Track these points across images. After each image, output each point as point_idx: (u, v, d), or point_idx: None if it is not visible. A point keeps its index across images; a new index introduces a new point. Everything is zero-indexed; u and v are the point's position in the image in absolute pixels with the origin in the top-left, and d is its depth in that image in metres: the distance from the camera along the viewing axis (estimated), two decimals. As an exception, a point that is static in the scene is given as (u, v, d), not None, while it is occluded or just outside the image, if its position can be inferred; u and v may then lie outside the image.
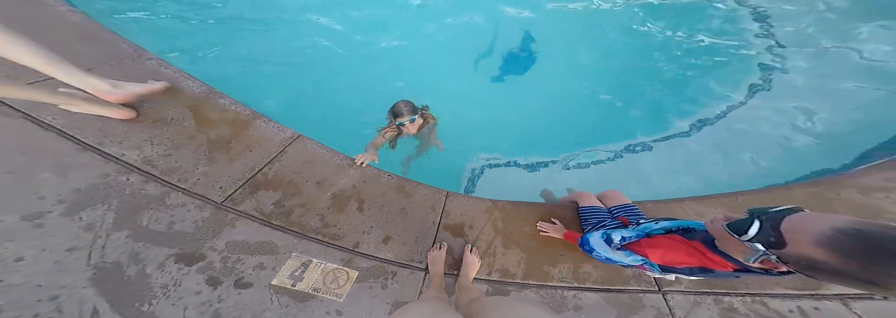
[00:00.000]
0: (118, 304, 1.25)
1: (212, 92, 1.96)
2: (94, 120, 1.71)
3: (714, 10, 4.49)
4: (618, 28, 4.34)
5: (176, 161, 1.68)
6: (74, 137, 1.63)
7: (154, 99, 1.86)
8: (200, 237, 1.50)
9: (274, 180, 1.76)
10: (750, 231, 0.76)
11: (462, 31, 4.11)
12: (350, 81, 3.32)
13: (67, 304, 1.20)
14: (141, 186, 1.57)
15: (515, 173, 3.01)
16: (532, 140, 3.32)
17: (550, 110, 3.57)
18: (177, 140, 1.75)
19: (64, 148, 1.59)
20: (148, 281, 1.33)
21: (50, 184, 1.47)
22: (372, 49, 3.66)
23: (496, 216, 1.95)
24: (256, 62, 3.18)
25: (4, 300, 1.16)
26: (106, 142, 1.65)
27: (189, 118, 1.83)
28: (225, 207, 1.61)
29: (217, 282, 1.41)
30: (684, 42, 4.37)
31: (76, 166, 1.56)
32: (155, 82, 1.85)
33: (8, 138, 1.56)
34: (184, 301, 1.32)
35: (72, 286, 1.25)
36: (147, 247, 1.41)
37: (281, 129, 1.94)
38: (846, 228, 0.63)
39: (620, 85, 3.91)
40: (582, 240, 1.50)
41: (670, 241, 1.10)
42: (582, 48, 4.17)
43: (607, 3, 4.33)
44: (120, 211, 1.48)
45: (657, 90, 3.91)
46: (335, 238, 1.68)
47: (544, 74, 3.91)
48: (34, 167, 1.50)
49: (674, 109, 3.75)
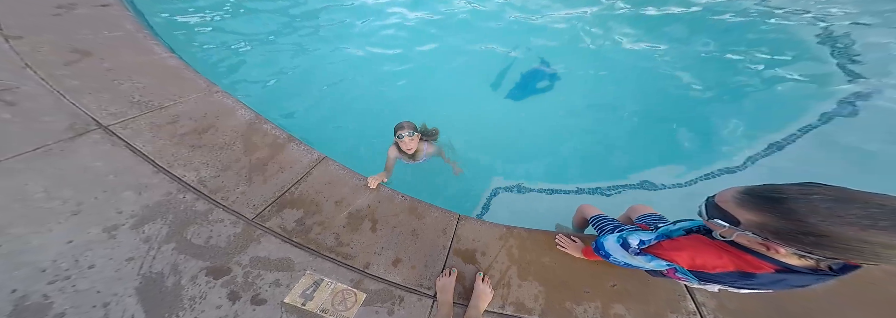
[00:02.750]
0: (152, 313, 1.20)
1: (258, 118, 1.90)
2: (170, 146, 1.75)
3: (770, 30, 3.34)
4: (668, 46, 3.48)
5: (222, 181, 1.64)
6: (154, 160, 1.67)
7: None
8: (230, 252, 1.41)
9: (299, 198, 1.62)
10: (701, 210, 0.79)
11: (483, 55, 3.59)
12: (365, 106, 3.04)
13: (114, 311, 1.18)
14: (193, 203, 1.55)
15: (532, 199, 2.43)
16: (555, 166, 2.69)
17: (578, 136, 2.90)
18: (226, 163, 1.70)
19: (144, 170, 1.64)
20: (180, 293, 1.26)
21: (128, 201, 1.51)
22: (389, 73, 3.35)
23: (512, 244, 1.55)
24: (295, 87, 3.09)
25: (69, 304, 1.17)
26: (175, 165, 1.67)
27: (239, 143, 1.78)
28: (255, 223, 1.51)
29: (237, 297, 1.29)
30: (739, 63, 3.33)
31: (150, 185, 1.59)
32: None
33: (110, 163, 1.65)
34: (205, 315, 1.23)
35: (121, 294, 1.23)
36: (186, 259, 1.36)
37: (309, 151, 1.80)
38: (746, 189, 0.71)
39: (663, 111, 3.08)
40: (596, 244, 1.13)
41: (694, 241, 0.87)
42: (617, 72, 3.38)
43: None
44: (173, 225, 1.46)
45: (703, 118, 2.99)
46: (347, 258, 1.47)
47: (574, 96, 3.22)
48: (120, 186, 1.55)
49: (724, 138, 2.80)
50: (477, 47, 3.68)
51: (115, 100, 1.95)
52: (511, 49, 3.70)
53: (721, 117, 2.95)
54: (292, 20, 3.75)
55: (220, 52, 3.24)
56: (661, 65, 3.48)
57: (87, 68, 2.15)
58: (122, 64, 2.22)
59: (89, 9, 2.68)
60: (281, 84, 3.13)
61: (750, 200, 0.67)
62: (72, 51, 2.29)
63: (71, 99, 1.91)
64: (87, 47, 2.33)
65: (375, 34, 3.72)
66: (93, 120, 1.83)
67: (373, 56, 3.50)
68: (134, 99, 1.96)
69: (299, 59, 3.38)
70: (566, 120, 3.05)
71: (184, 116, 1.87)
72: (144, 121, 1.83)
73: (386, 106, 3.04)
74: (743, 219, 0.69)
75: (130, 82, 2.07)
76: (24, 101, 1.86)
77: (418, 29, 3.83)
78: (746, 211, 0.68)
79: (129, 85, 2.05)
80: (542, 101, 3.24)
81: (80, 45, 2.34)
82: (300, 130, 2.09)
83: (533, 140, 2.86)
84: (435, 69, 3.45)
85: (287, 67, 3.28)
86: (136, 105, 1.93)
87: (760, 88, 3.17)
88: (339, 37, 3.63)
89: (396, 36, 3.74)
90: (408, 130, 1.76)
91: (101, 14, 2.64)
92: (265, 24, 3.63)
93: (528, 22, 4.00)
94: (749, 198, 0.68)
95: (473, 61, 3.55)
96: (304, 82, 3.17)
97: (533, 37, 3.83)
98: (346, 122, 2.91)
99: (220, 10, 3.62)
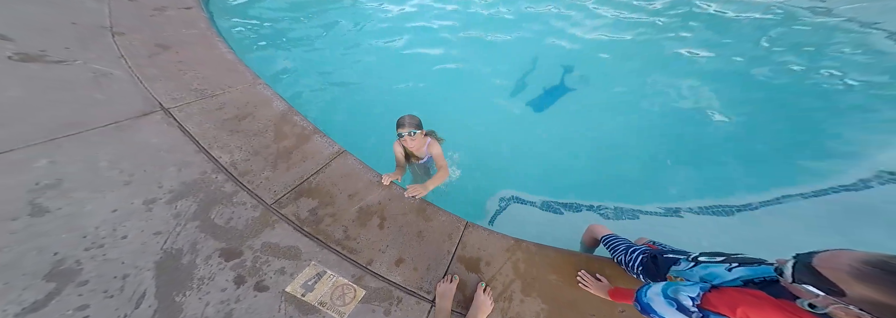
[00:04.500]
0: (162, 291, 1.11)
1: (290, 110, 1.80)
2: (213, 130, 1.70)
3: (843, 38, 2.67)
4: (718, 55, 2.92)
5: (251, 165, 1.54)
6: (197, 141, 1.63)
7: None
8: (246, 235, 1.30)
9: (315, 188, 1.49)
10: (785, 270, 0.58)
11: (508, 57, 3.21)
12: (384, 109, 2.74)
13: (130, 284, 1.10)
14: (222, 183, 1.47)
15: (545, 214, 2.04)
16: (581, 182, 2.25)
17: (607, 152, 2.45)
18: (257, 148, 1.61)
19: (188, 149, 1.59)
20: (192, 272, 1.17)
21: (170, 176, 1.46)
22: (407, 78, 3.07)
23: (518, 257, 1.30)
24: (320, 80, 2.96)
25: (95, 272, 1.11)
26: (214, 146, 1.61)
27: (271, 130, 1.69)
28: (273, 209, 1.40)
29: (242, 281, 1.18)
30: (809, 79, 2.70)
31: (190, 163, 1.53)
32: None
33: (163, 140, 1.63)
34: (209, 297, 1.12)
35: (141, 268, 1.15)
36: (206, 238, 1.27)
37: (331, 144, 1.66)
38: (872, 260, 0.51)
39: (705, 136, 2.51)
40: (638, 295, 0.84)
41: (755, 297, 0.63)
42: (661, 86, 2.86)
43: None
44: (201, 204, 1.38)
45: (756, 142, 2.41)
46: (352, 252, 1.30)
47: (602, 109, 2.75)
48: (167, 162, 1.51)
49: (780, 167, 2.22)
50: (503, 50, 3.34)
51: (178, 87, 1.96)
52: (535, 54, 3.30)
53: (783, 144, 2.36)
54: (330, 20, 3.66)
55: (269, 49, 3.22)
56: (709, 80, 2.91)
57: (164, 60, 2.20)
58: (190, 57, 2.25)
59: (176, 11, 2.78)
60: (311, 79, 3.01)
61: (878, 274, 0.49)
62: (156, 45, 2.36)
63: (146, 84, 1.94)
64: (168, 42, 2.40)
65: (397, 35, 3.50)
66: (158, 103, 1.83)
67: (404, 57, 3.31)
68: (193, 87, 1.95)
69: (328, 57, 3.25)
70: (591, 133, 2.63)
71: (229, 103, 1.83)
72: (197, 106, 1.81)
73: (402, 104, 2.79)
74: (853, 292, 0.51)
75: (193, 72, 2.08)
76: (113, 84, 1.92)
77: (441, 31, 3.56)
78: (864, 285, 0.50)
79: (191, 75, 2.06)
80: (568, 111, 2.82)
81: (162, 41, 2.41)
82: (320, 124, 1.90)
83: (555, 152, 2.48)
84: (460, 73, 3.17)
85: (318, 63, 3.16)
86: (193, 92, 1.92)
87: (837, 114, 2.51)
88: (367, 34, 3.47)
89: (425, 37, 3.51)
90: (408, 128, 1.38)
91: (183, 15, 2.72)
92: (308, 27, 3.59)
93: (562, 29, 3.59)
94: (877, 272, 0.49)
95: (497, 65, 3.20)
96: (333, 75, 3.04)
97: (562, 42, 3.40)
98: (364, 116, 2.71)
99: (276, 16, 3.65)
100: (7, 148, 1.41)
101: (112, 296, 1.04)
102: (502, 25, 3.65)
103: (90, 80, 1.90)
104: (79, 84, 1.84)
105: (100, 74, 1.97)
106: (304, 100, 2.70)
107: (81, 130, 1.57)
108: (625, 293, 1.03)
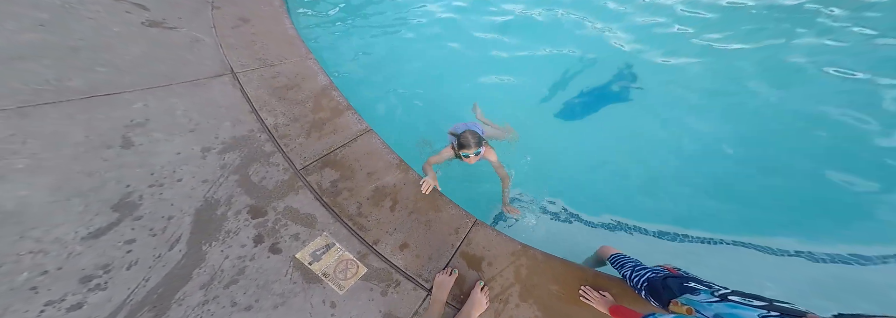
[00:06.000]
0: (194, 238, 1.11)
1: (330, 85, 1.70)
2: (265, 95, 1.67)
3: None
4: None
5: (290, 130, 1.49)
6: (251, 101, 1.61)
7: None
8: (273, 196, 1.26)
9: (340, 161, 1.39)
10: None
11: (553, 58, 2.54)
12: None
13: (171, 226, 1.12)
14: (263, 143, 1.44)
15: (567, 228, 1.67)
16: (615, 198, 1.81)
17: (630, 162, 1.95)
18: (297, 115, 1.55)
19: (243, 108, 1.58)
20: (222, 224, 1.16)
21: (225, 129, 1.47)
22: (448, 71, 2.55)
23: (522, 263, 1.08)
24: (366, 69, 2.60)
25: (150, 210, 1.14)
26: (263, 109, 1.58)
27: (311, 102, 1.61)
28: (300, 174, 1.33)
29: (260, 241, 1.14)
30: None
31: (243, 121, 1.52)
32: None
33: (227, 99, 1.63)
34: (230, 251, 1.10)
35: (184, 212, 1.17)
36: (240, 193, 1.25)
37: (359, 121, 1.53)
38: None
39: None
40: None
41: None
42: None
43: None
44: (244, 159, 1.37)
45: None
46: (361, 229, 1.20)
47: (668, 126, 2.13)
48: (225, 117, 1.52)
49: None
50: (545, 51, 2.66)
51: (247, 55, 1.97)
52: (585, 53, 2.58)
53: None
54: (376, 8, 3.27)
55: (324, 27, 2.96)
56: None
57: (242, 31, 2.22)
58: (262, 30, 2.25)
59: (259, -12, 2.79)
60: (355, 64, 2.71)
61: None
62: (239, 18, 2.39)
63: (225, 51, 1.98)
64: (249, 16, 2.41)
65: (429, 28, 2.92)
66: (230, 67, 1.86)
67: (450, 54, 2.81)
68: (258, 56, 1.94)
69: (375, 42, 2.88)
70: (633, 143, 2.06)
71: (282, 74, 1.79)
72: (257, 73, 1.80)
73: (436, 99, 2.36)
74: None
75: (261, 44, 2.07)
76: (202, 48, 1.98)
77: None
78: None
79: (259, 46, 2.05)
80: (618, 119, 2.23)
81: (245, 15, 2.43)
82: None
83: (586, 163, 2.01)
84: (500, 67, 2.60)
85: (362, 48, 2.82)
86: (257, 61, 1.91)
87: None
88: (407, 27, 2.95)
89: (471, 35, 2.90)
90: (474, 148, 1.23)
91: (265, -8, 2.72)
92: (367, 15, 3.27)
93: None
94: None
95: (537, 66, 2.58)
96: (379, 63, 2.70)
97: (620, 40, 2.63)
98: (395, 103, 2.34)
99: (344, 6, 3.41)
100: (121, 90, 1.53)
101: (155, 235, 1.07)
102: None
103: (187, 44, 1.99)
104: (179, 47, 1.93)
105: (194, 39, 2.06)
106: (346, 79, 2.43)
107: (171, 82, 1.65)
108: (627, 312, 0.83)
